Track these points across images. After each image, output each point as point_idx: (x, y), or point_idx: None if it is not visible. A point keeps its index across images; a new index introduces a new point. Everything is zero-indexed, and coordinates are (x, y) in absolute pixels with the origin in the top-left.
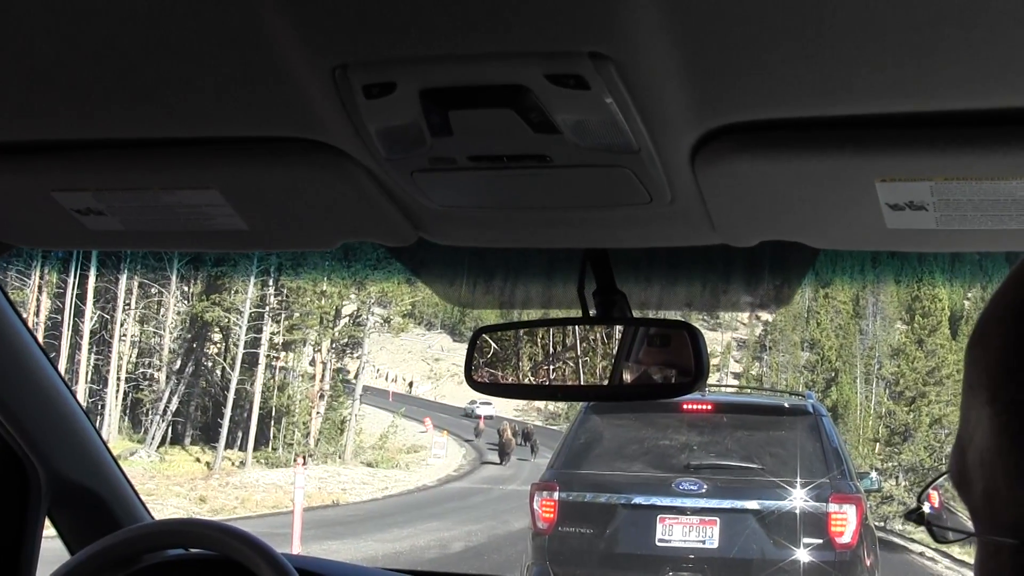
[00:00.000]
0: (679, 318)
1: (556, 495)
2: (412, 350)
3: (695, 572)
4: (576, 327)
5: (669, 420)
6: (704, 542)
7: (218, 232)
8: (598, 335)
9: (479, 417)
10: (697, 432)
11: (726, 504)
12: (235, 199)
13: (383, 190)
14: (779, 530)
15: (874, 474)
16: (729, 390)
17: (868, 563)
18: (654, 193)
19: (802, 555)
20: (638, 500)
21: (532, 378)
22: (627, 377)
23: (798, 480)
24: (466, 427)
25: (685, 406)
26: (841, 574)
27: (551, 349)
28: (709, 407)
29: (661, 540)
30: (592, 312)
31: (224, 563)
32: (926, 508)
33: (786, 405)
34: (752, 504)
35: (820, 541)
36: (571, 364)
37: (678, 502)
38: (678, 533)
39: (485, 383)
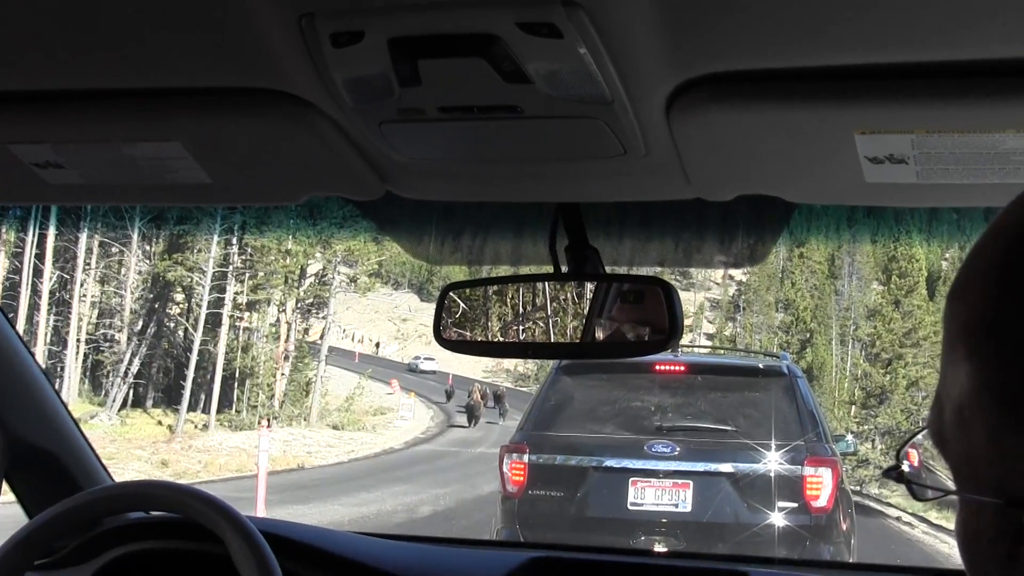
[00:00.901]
0: (655, 276)
1: (526, 457)
2: (379, 310)
3: (667, 536)
4: (547, 283)
5: (641, 381)
6: (677, 506)
7: (181, 186)
8: (570, 292)
9: (425, 372)
10: (670, 394)
11: (699, 467)
12: (198, 151)
13: (350, 142)
14: (753, 493)
15: (850, 437)
16: (703, 351)
17: (844, 527)
18: (628, 145)
19: (777, 519)
20: (609, 463)
21: (502, 336)
22: (599, 334)
23: (773, 442)
24: (434, 388)
25: (658, 367)
26: (816, 538)
27: (521, 306)
28: (682, 368)
29: (633, 504)
30: (564, 268)
31: (187, 526)
32: (905, 467)
33: (760, 366)
34: (726, 467)
35: (795, 505)
36: (542, 321)
37: (650, 465)
38: (650, 496)
39: (454, 341)
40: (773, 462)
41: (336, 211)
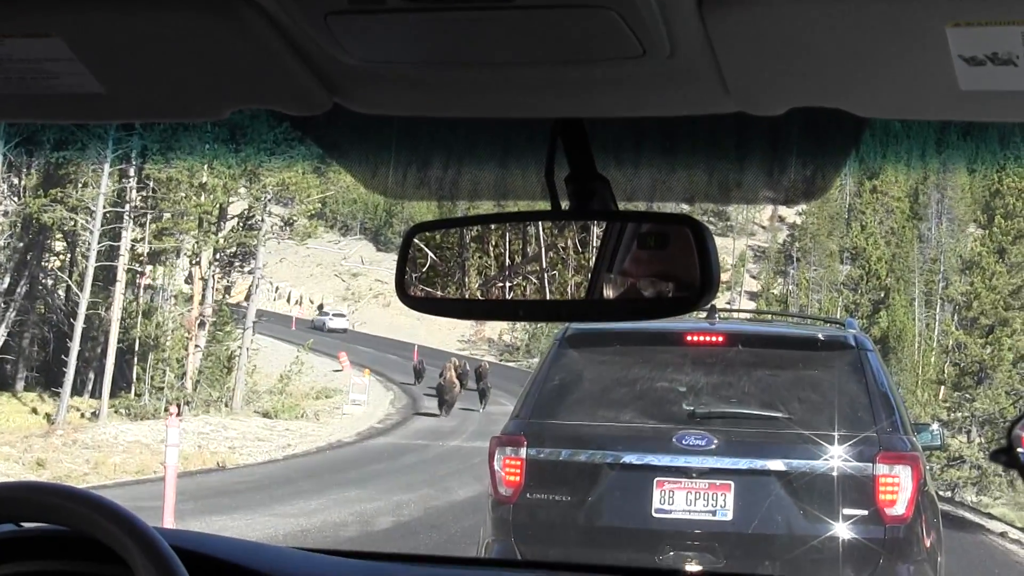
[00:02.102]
0: (683, 214)
1: (523, 452)
2: (322, 263)
3: (702, 552)
4: (543, 224)
5: (669, 356)
6: (714, 513)
7: (64, 96)
8: (572, 235)
9: (334, 331)
10: (705, 371)
11: (743, 464)
12: (86, 51)
13: (286, 40)
14: (811, 498)
15: (935, 426)
16: (745, 316)
17: (927, 542)
18: (648, 43)
19: (841, 530)
20: (629, 459)
21: (485, 292)
22: (609, 291)
23: (836, 433)
24: (394, 365)
25: (690, 338)
26: (892, 555)
27: (510, 254)
28: (721, 339)
29: (659, 510)
30: (564, 204)
31: (76, 542)
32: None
33: (820, 337)
34: (776, 464)
35: (865, 512)
36: (536, 273)
37: (681, 461)
38: (681, 501)
39: (422, 299)
40: (837, 458)
41: (266, 132)
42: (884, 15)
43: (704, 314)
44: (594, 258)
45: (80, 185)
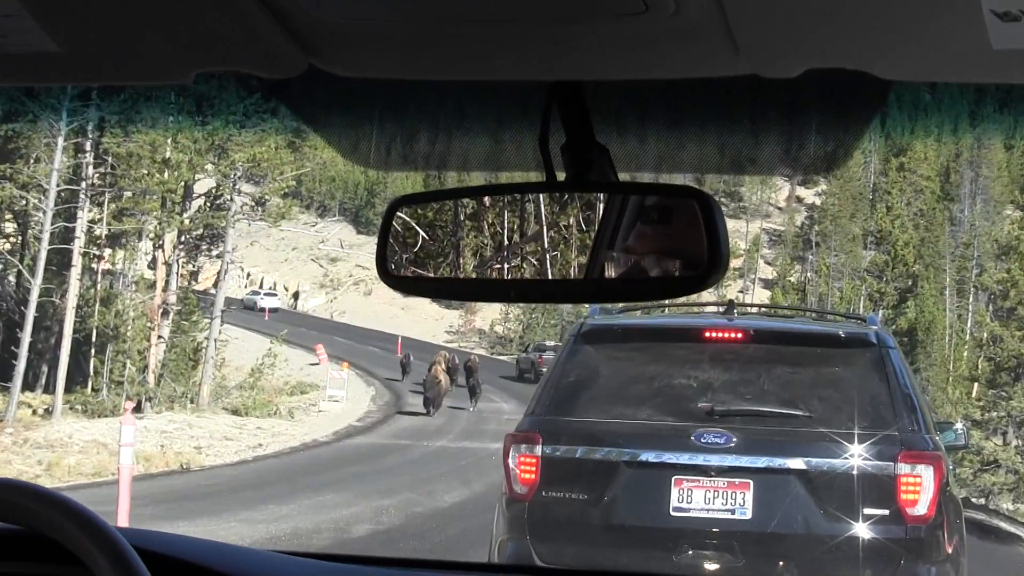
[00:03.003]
0: (689, 185)
1: (538, 449)
2: (298, 246)
3: (721, 551)
4: (537, 196)
5: (687, 352)
6: (733, 512)
7: (14, 56)
8: (570, 209)
9: (264, 311)
10: (724, 368)
11: (762, 462)
12: (38, 5)
13: None
14: (832, 497)
15: (960, 425)
16: (764, 311)
17: (950, 543)
18: None
19: (862, 530)
20: (647, 456)
21: (474, 271)
22: (610, 271)
23: (857, 432)
24: (376, 358)
25: (708, 334)
26: (913, 556)
27: (501, 229)
28: (739, 335)
29: (677, 509)
30: (560, 176)
31: (29, 541)
32: None
33: (841, 334)
34: (796, 463)
35: (886, 512)
36: (530, 251)
37: (699, 459)
38: (699, 499)
39: (406, 279)
40: (857, 457)
41: (235, 103)
42: None
43: (723, 310)
44: (593, 233)
45: (32, 160)
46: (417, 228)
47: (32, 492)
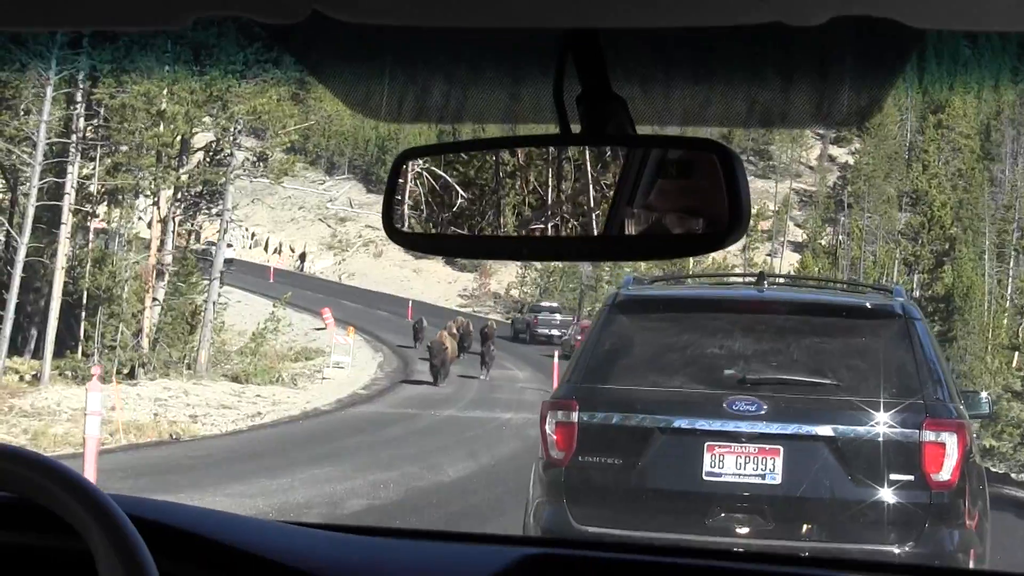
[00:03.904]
0: (709, 139)
1: (575, 416)
2: (305, 205)
3: (751, 514)
4: (551, 149)
5: (719, 323)
6: (764, 477)
7: None
8: (585, 162)
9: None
10: (754, 338)
11: (791, 429)
12: None
13: None
14: (858, 463)
15: (984, 395)
16: (788, 283)
17: (973, 509)
18: None
19: (887, 495)
20: (680, 423)
21: (484, 227)
22: (625, 228)
23: (883, 400)
24: (386, 323)
25: (739, 304)
26: (937, 520)
27: (513, 184)
28: (770, 306)
29: (709, 474)
30: (575, 128)
31: (19, 509)
32: None
33: (868, 305)
34: (824, 430)
35: (911, 478)
36: (543, 206)
37: (731, 426)
38: (730, 465)
39: (415, 235)
40: (883, 424)
41: (235, 51)
42: None
43: (753, 280)
44: (609, 187)
45: (19, 112)
46: (425, 183)
47: (22, 458)
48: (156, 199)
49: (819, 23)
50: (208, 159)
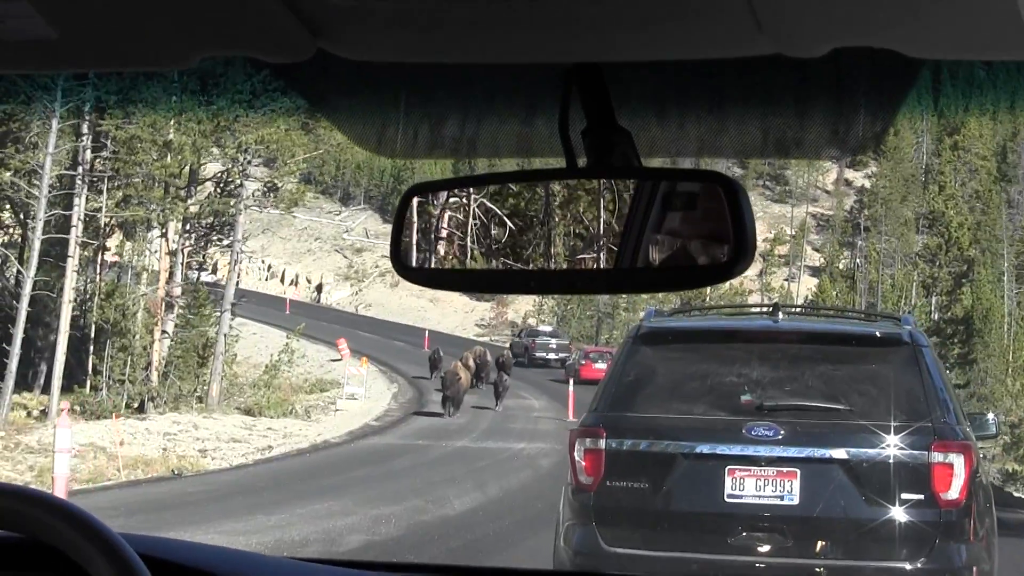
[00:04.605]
0: (713, 170)
1: (603, 443)
2: (321, 236)
3: (772, 533)
4: (556, 184)
5: (736, 352)
6: (782, 498)
7: (10, 43)
8: (592, 196)
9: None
10: (771, 367)
11: (808, 453)
12: None
13: None
14: (871, 484)
15: (991, 416)
16: (807, 316)
17: (981, 526)
18: None
19: (899, 514)
20: (702, 448)
21: (492, 261)
22: (632, 260)
23: (893, 424)
24: (402, 353)
25: (756, 335)
26: (946, 537)
27: (520, 218)
28: (784, 336)
29: (731, 496)
30: (582, 161)
31: (28, 548)
32: None
33: (877, 333)
34: (838, 453)
35: (921, 497)
36: (549, 239)
37: (750, 451)
38: (751, 487)
39: (423, 270)
40: (894, 447)
41: (243, 81)
42: None
43: (769, 311)
44: (615, 221)
45: (27, 145)
46: (433, 217)
47: (28, 496)
48: (164, 231)
49: (819, 55)
50: (220, 190)
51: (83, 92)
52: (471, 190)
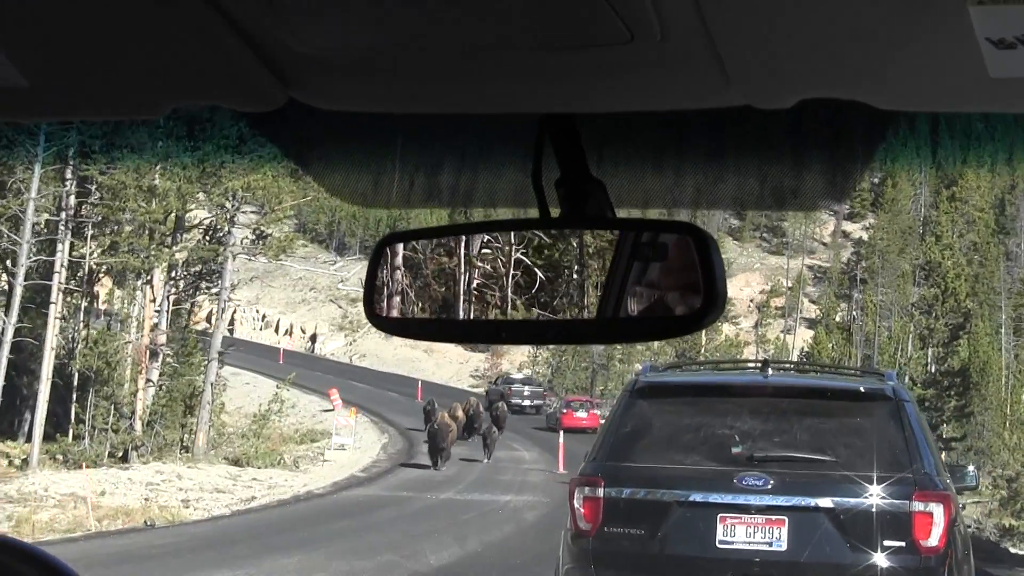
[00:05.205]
0: (686, 220)
1: (601, 491)
2: (316, 286)
3: None
4: (530, 233)
5: (728, 406)
6: (771, 544)
7: None
8: (564, 246)
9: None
10: (761, 419)
11: (796, 501)
12: (7, 39)
13: (230, 24)
14: (855, 531)
15: (972, 468)
16: (795, 372)
17: (960, 571)
18: (635, 26)
19: (881, 560)
20: (695, 497)
21: (465, 311)
22: (605, 310)
23: (876, 474)
24: (394, 403)
25: (746, 389)
26: None
27: (493, 267)
28: (773, 391)
29: (722, 542)
30: (555, 211)
31: None
32: None
33: (862, 389)
34: (825, 501)
35: (902, 544)
36: (522, 290)
37: (741, 499)
38: (741, 534)
39: (394, 319)
40: (876, 496)
41: (229, 125)
42: None
43: (759, 367)
44: (587, 273)
45: (9, 190)
46: (406, 267)
47: (16, 550)
48: (149, 278)
49: (787, 106)
50: (209, 238)
51: (67, 136)
52: (446, 240)
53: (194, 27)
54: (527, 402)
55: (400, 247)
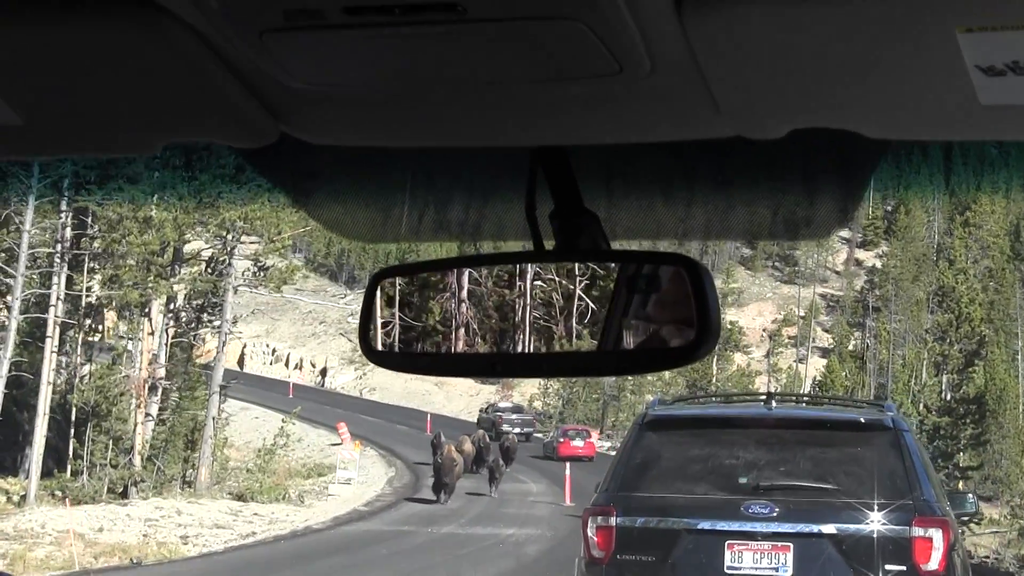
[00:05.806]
0: (680, 252)
1: (613, 520)
2: (326, 320)
3: None
4: (525, 266)
5: (734, 437)
6: (777, 570)
7: None
8: (559, 278)
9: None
10: (766, 450)
11: (800, 528)
12: (3, 78)
13: (222, 61)
14: (858, 556)
15: (971, 496)
16: (790, 402)
17: None
18: (625, 59)
19: None
20: (704, 525)
21: (459, 344)
22: (600, 343)
23: (877, 501)
24: (403, 437)
25: (752, 421)
26: None
27: (488, 300)
28: (777, 423)
29: (730, 568)
30: (549, 244)
31: None
32: None
33: (862, 420)
34: (828, 528)
35: (903, 568)
36: (516, 323)
37: (748, 527)
38: (748, 560)
39: (390, 354)
40: (878, 522)
41: (226, 155)
42: (886, 20)
43: (763, 400)
44: (580, 305)
45: (7, 222)
46: (401, 301)
47: None
48: (147, 311)
49: (778, 136)
50: (212, 270)
51: (61, 167)
52: (441, 275)
53: (186, 64)
54: (517, 429)
55: (396, 281)
